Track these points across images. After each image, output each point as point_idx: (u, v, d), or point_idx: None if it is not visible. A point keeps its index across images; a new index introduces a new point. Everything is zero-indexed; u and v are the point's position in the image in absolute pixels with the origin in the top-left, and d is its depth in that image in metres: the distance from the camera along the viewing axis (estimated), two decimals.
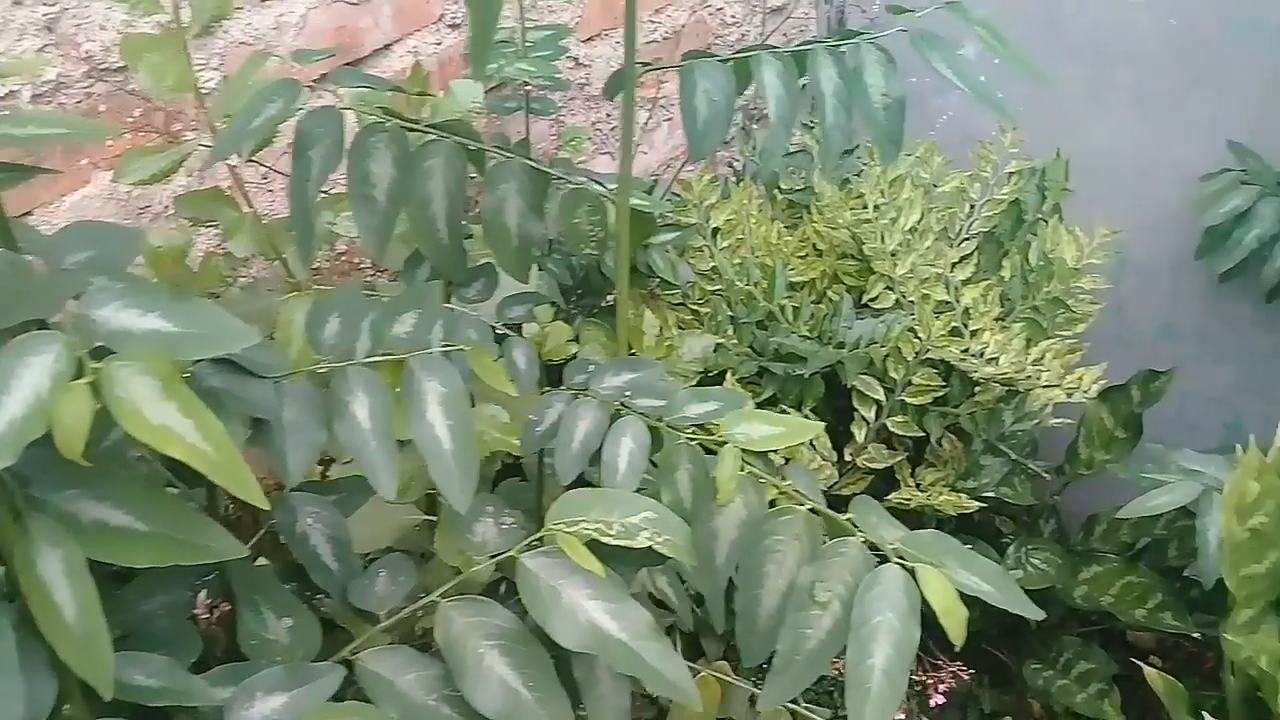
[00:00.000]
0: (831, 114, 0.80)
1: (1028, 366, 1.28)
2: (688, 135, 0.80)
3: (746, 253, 1.40)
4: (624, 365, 0.75)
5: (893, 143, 0.82)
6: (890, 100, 0.80)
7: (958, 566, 0.62)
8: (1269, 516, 1.09)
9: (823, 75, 0.80)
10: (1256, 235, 1.42)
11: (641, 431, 0.70)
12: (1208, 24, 1.45)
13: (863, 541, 0.64)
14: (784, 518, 0.65)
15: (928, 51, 0.80)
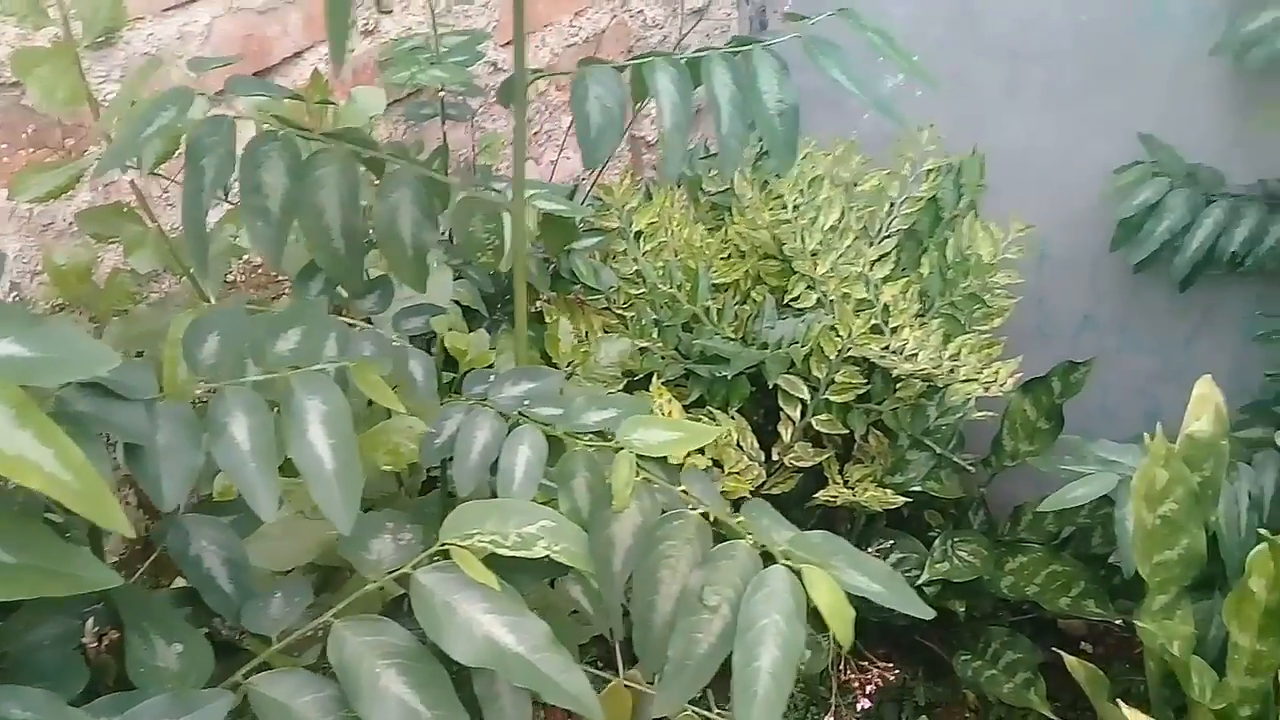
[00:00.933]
0: (728, 121, 0.80)
1: (945, 362, 1.30)
2: (580, 143, 0.79)
3: (669, 256, 1.41)
4: (522, 374, 0.75)
5: (788, 149, 0.82)
6: (785, 106, 0.80)
7: (847, 567, 0.62)
8: (1179, 504, 1.12)
9: (717, 82, 0.80)
10: (1168, 226, 1.45)
11: (539, 440, 0.70)
12: (1116, 18, 1.48)
13: (752, 544, 0.64)
14: (676, 522, 0.65)
15: (820, 58, 0.81)
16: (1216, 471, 1.19)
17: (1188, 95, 1.47)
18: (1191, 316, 1.59)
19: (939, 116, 1.64)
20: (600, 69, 0.80)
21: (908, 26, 1.62)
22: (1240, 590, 1.14)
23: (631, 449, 0.67)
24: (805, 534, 0.64)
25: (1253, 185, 1.45)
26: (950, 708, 1.65)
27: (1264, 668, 1.15)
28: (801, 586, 0.60)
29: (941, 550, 1.43)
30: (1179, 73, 1.47)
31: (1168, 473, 1.10)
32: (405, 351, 0.77)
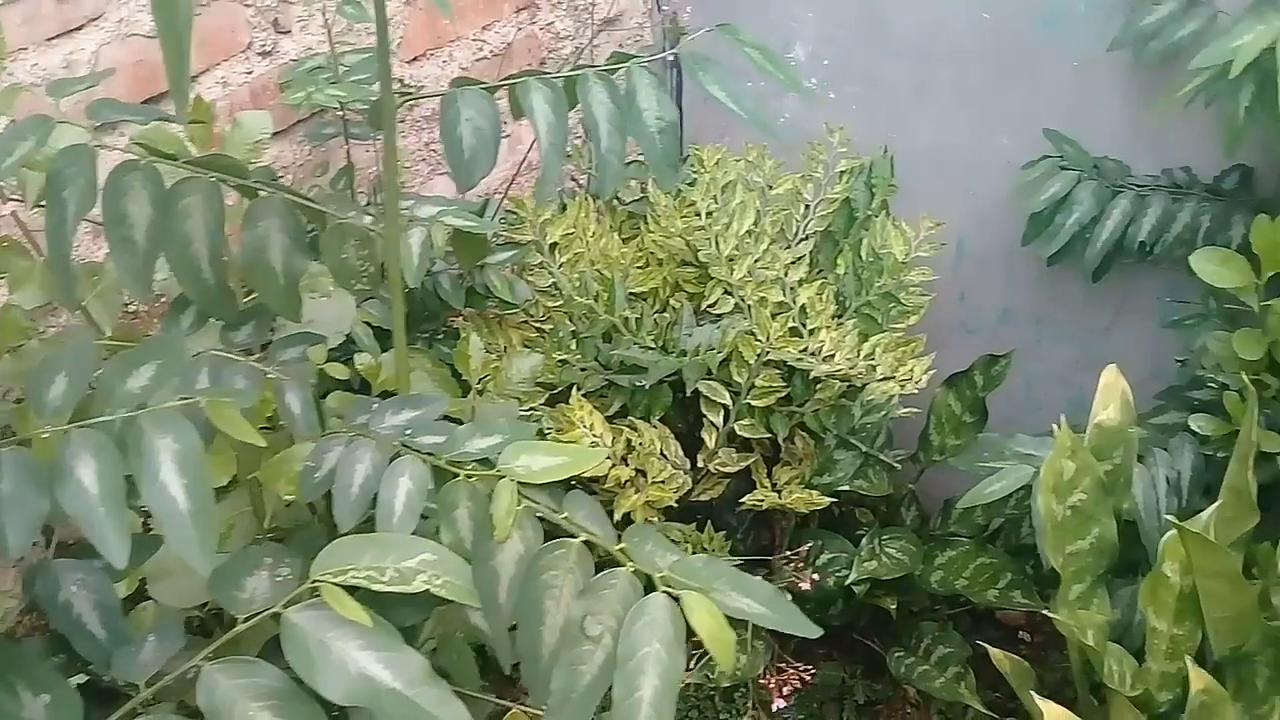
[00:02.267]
0: (606, 139, 0.80)
1: (860, 362, 1.30)
2: (452, 166, 0.78)
3: (585, 267, 1.40)
4: (404, 403, 0.74)
5: (670, 165, 0.82)
6: (665, 123, 0.80)
7: (729, 589, 0.61)
8: (1087, 494, 1.13)
9: (594, 100, 0.80)
10: (1077, 219, 1.47)
11: (420, 471, 0.68)
12: (1018, 17, 1.50)
13: (633, 571, 0.63)
14: (558, 551, 0.64)
15: (699, 74, 0.80)
16: (1126, 459, 1.20)
17: (1091, 90, 1.49)
18: (1108, 306, 1.61)
19: (853, 118, 1.65)
20: (471, 91, 0.79)
21: (818, 31, 1.63)
22: (1155, 576, 1.16)
23: (513, 477, 0.66)
24: (688, 558, 0.63)
25: (1157, 175, 1.47)
26: (892, 704, 1.66)
27: (1182, 651, 1.16)
28: (680, 614, 0.59)
29: (869, 549, 1.44)
30: (1082, 68, 1.49)
31: (1074, 464, 1.11)
32: (281, 383, 0.75)
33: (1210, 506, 1.16)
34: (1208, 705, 1.02)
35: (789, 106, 1.70)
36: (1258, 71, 1.17)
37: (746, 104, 0.82)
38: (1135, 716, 1.11)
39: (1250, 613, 1.10)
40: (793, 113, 1.71)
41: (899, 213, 1.56)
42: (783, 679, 1.38)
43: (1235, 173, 1.44)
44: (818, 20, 1.63)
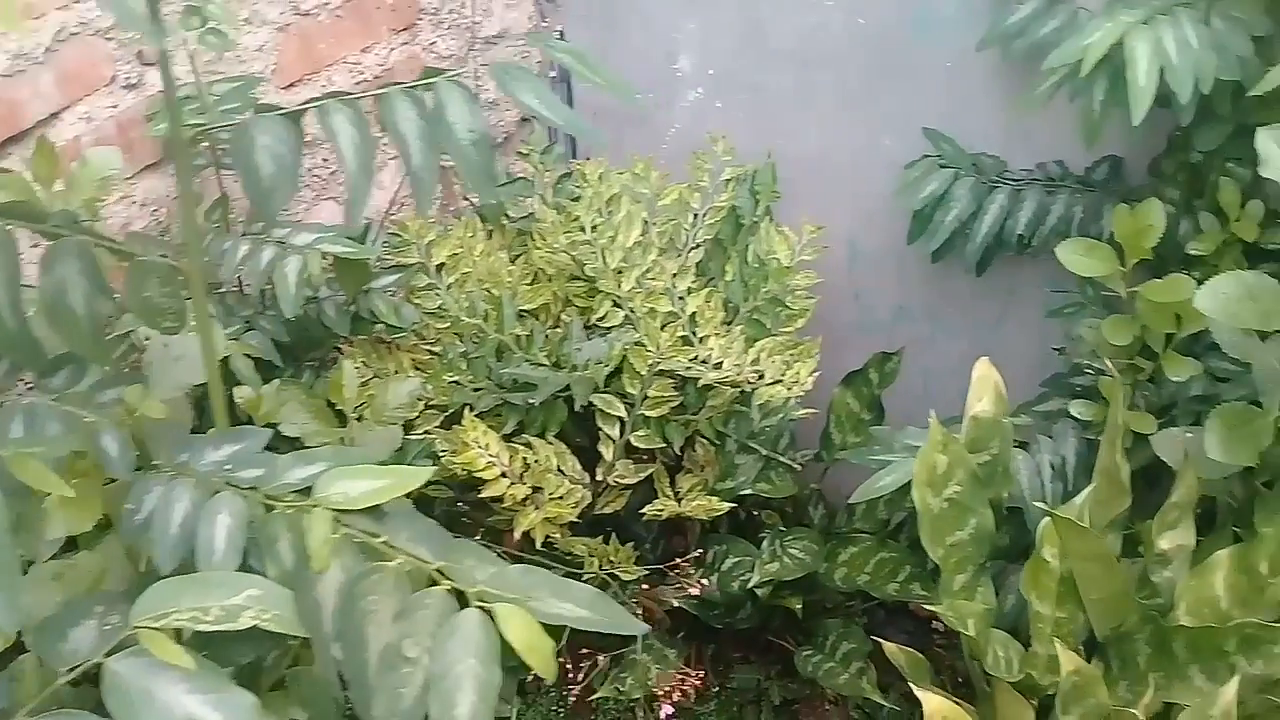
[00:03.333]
0: (418, 156, 0.80)
1: (746, 368, 1.32)
2: (250, 195, 0.77)
3: (473, 286, 1.40)
4: (225, 438, 0.73)
5: (486, 178, 0.82)
6: (477, 136, 0.80)
7: (549, 597, 0.62)
8: (962, 486, 1.15)
9: (401, 118, 0.79)
10: (956, 215, 1.50)
11: (239, 506, 0.68)
12: (891, 21, 1.53)
13: (449, 588, 0.63)
14: (374, 577, 0.64)
15: (512, 85, 0.81)
16: (1004, 449, 1.23)
17: (965, 89, 1.52)
18: (995, 298, 1.65)
19: (740, 126, 1.67)
20: (266, 117, 0.78)
21: (701, 41, 1.65)
22: (1035, 561, 1.19)
23: (330, 505, 0.66)
24: (506, 570, 0.64)
25: (1032, 169, 1.51)
26: (810, 702, 1.67)
27: (1065, 634, 1.19)
28: (494, 627, 0.60)
29: (770, 551, 1.45)
30: (955, 69, 1.52)
31: (947, 457, 1.13)
32: (97, 427, 0.73)
33: (1084, 490, 1.19)
34: (1079, 686, 1.04)
35: (679, 117, 1.72)
36: (1110, 67, 1.21)
37: (562, 112, 0.82)
38: (1020, 702, 1.13)
39: (1125, 593, 1.13)
40: (683, 123, 1.72)
41: (791, 217, 1.58)
42: (670, 686, 1.38)
43: (1105, 164, 1.48)
44: (700, 31, 1.65)
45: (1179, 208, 1.38)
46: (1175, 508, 1.22)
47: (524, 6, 1.71)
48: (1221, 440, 1.16)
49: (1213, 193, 1.33)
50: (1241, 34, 1.24)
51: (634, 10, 1.67)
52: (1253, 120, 1.20)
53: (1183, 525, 1.22)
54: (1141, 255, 1.26)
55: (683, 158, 1.60)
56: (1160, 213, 1.25)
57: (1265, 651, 1.03)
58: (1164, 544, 1.23)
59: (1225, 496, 1.31)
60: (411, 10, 1.59)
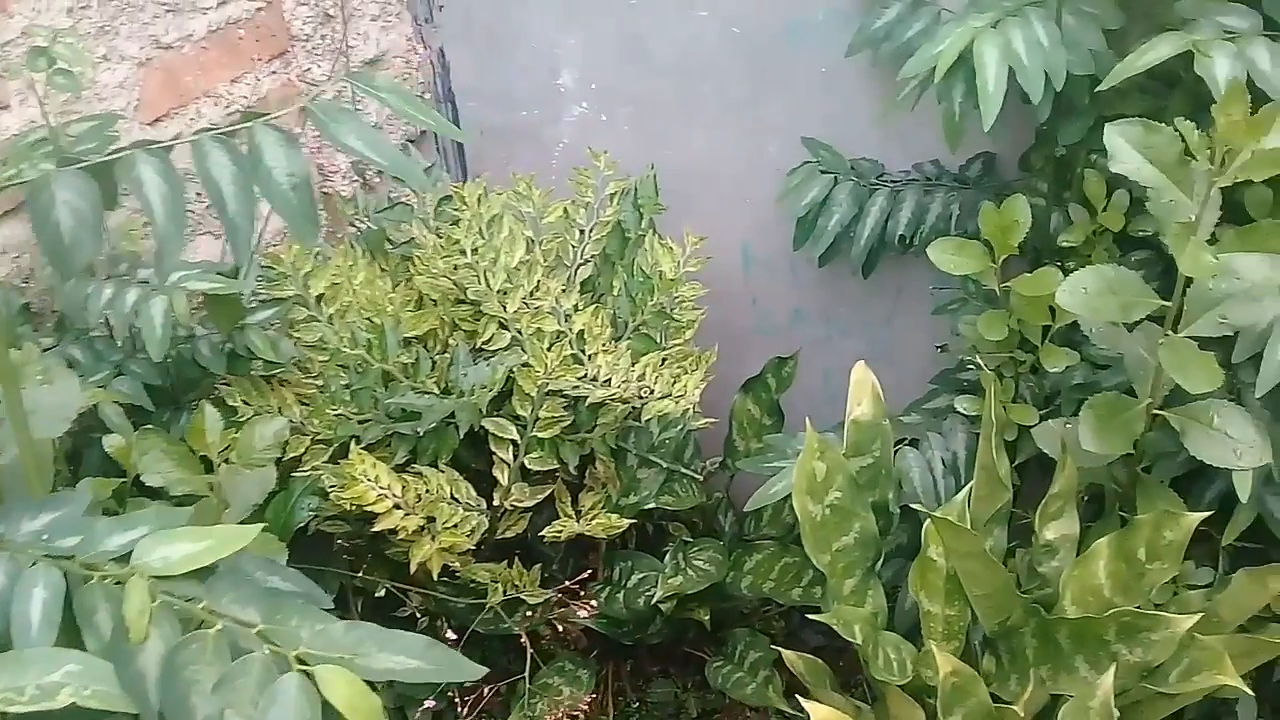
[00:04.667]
0: (234, 202, 0.78)
1: (633, 384, 1.31)
2: (48, 253, 0.75)
3: (355, 316, 1.37)
4: (44, 505, 0.70)
5: (308, 222, 0.80)
6: (297, 180, 0.78)
7: (376, 651, 0.60)
8: (843, 491, 1.16)
9: (213, 165, 0.77)
10: (838, 219, 1.51)
11: (55, 578, 0.65)
12: (765, 29, 1.54)
13: (270, 651, 0.61)
14: (194, 645, 0.62)
15: (331, 126, 0.79)
16: (885, 450, 1.24)
17: (841, 94, 1.54)
18: (885, 298, 1.67)
19: (626, 139, 1.67)
20: (65, 172, 0.76)
21: (582, 56, 1.65)
22: (921, 560, 1.20)
23: (150, 571, 0.63)
24: (330, 627, 0.62)
25: (909, 170, 1.53)
26: (731, 712, 1.67)
27: (956, 632, 1.20)
28: (315, 690, 0.58)
29: (674, 564, 1.45)
30: (830, 74, 1.53)
31: (825, 463, 1.14)
32: None
33: (965, 487, 1.21)
34: (959, 687, 1.05)
35: (566, 132, 1.72)
36: (965, 70, 1.22)
37: (385, 150, 0.81)
38: (911, 704, 1.14)
39: (1007, 588, 1.14)
40: (570, 138, 1.72)
41: (683, 228, 1.58)
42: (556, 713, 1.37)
43: (979, 161, 1.51)
44: (580, 46, 1.64)
45: (1049, 201, 1.41)
46: (1057, 498, 1.24)
47: (401, 28, 1.69)
48: (1094, 431, 1.18)
49: (1079, 185, 1.36)
50: (1094, 29, 1.27)
51: (513, 27, 1.66)
52: (1112, 112, 1.23)
53: (1066, 515, 1.24)
54: (1010, 251, 1.28)
55: (572, 173, 1.59)
56: (1025, 208, 1.27)
57: (1143, 639, 1.05)
58: (1049, 534, 1.25)
59: (1110, 483, 1.33)
60: (282, 37, 1.56)
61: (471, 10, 1.67)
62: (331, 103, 0.80)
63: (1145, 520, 1.12)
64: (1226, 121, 1.04)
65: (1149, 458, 1.28)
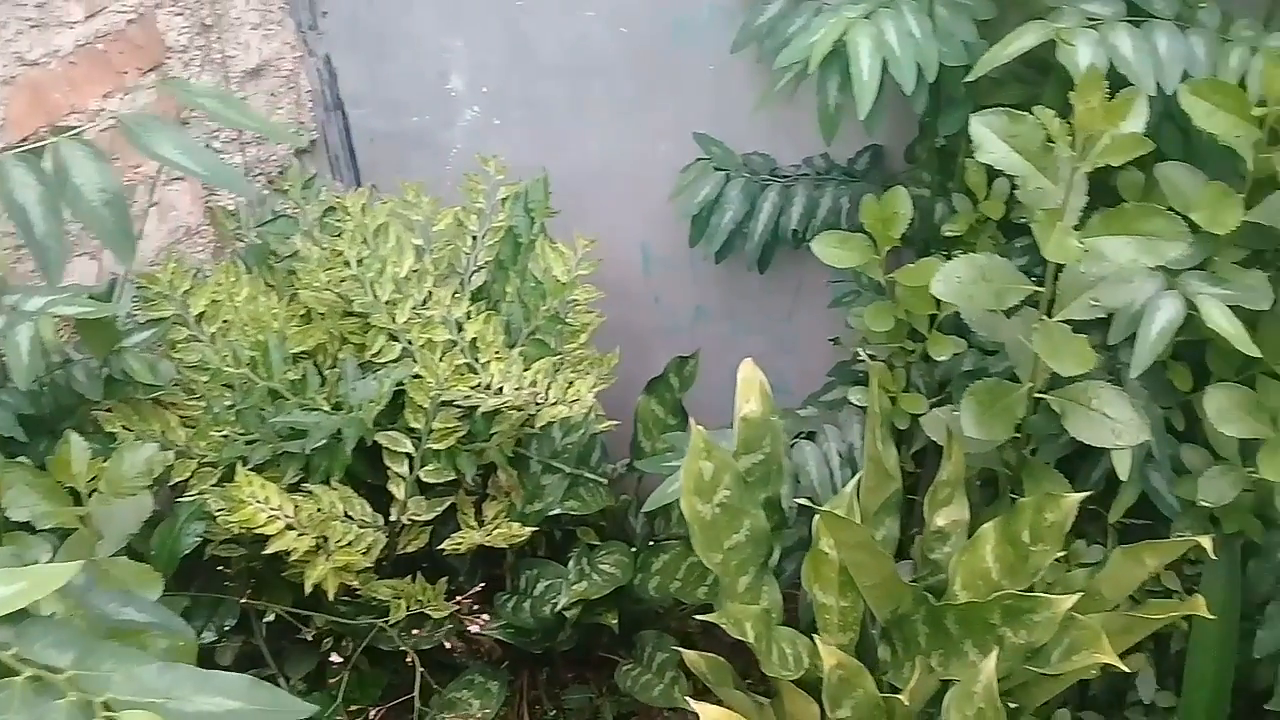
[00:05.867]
0: (42, 223, 0.75)
1: (526, 390, 1.30)
2: None
3: (237, 334, 1.34)
4: None
5: (124, 238, 0.78)
6: (110, 195, 0.75)
7: (193, 694, 0.58)
8: (732, 489, 1.16)
9: (16, 185, 0.75)
10: (732, 216, 1.51)
11: None
12: (652, 28, 1.53)
13: (79, 699, 0.59)
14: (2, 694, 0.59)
15: (144, 138, 0.76)
16: (776, 446, 1.24)
17: (730, 91, 1.54)
18: (785, 293, 1.67)
19: (519, 142, 1.66)
20: None
21: (471, 60, 1.63)
22: (814, 554, 1.20)
23: None
24: (142, 670, 0.59)
25: (799, 165, 1.53)
26: (645, 714, 1.67)
27: (851, 623, 1.21)
28: None
29: (578, 570, 1.44)
30: (718, 72, 1.53)
31: (713, 463, 1.14)
32: None
33: (850, 478, 1.21)
34: (845, 679, 1.06)
35: (459, 137, 1.69)
36: (840, 62, 1.23)
37: (203, 159, 0.78)
38: (804, 699, 1.14)
39: (894, 578, 1.15)
40: (464, 143, 1.70)
41: (582, 229, 1.56)
42: None
43: (867, 153, 1.52)
44: (468, 49, 1.62)
45: (934, 191, 1.43)
46: (945, 485, 1.25)
47: (284, 35, 1.65)
48: (976, 417, 1.19)
49: (961, 175, 1.37)
50: (966, 20, 1.28)
51: (400, 32, 1.63)
52: (990, 102, 1.24)
53: (956, 501, 1.26)
54: (892, 243, 1.29)
55: (463, 178, 1.57)
56: (906, 200, 1.28)
57: (1026, 621, 1.06)
58: (940, 521, 1.26)
59: (1001, 467, 1.35)
60: (157, 49, 1.51)
61: (357, 15, 1.64)
62: (145, 114, 0.77)
63: (1028, 503, 1.13)
64: (1085, 108, 1.06)
65: (1035, 441, 1.30)
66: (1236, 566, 1.31)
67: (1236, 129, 1.13)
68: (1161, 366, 1.29)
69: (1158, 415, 1.28)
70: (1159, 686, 1.48)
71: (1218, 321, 1.15)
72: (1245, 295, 1.18)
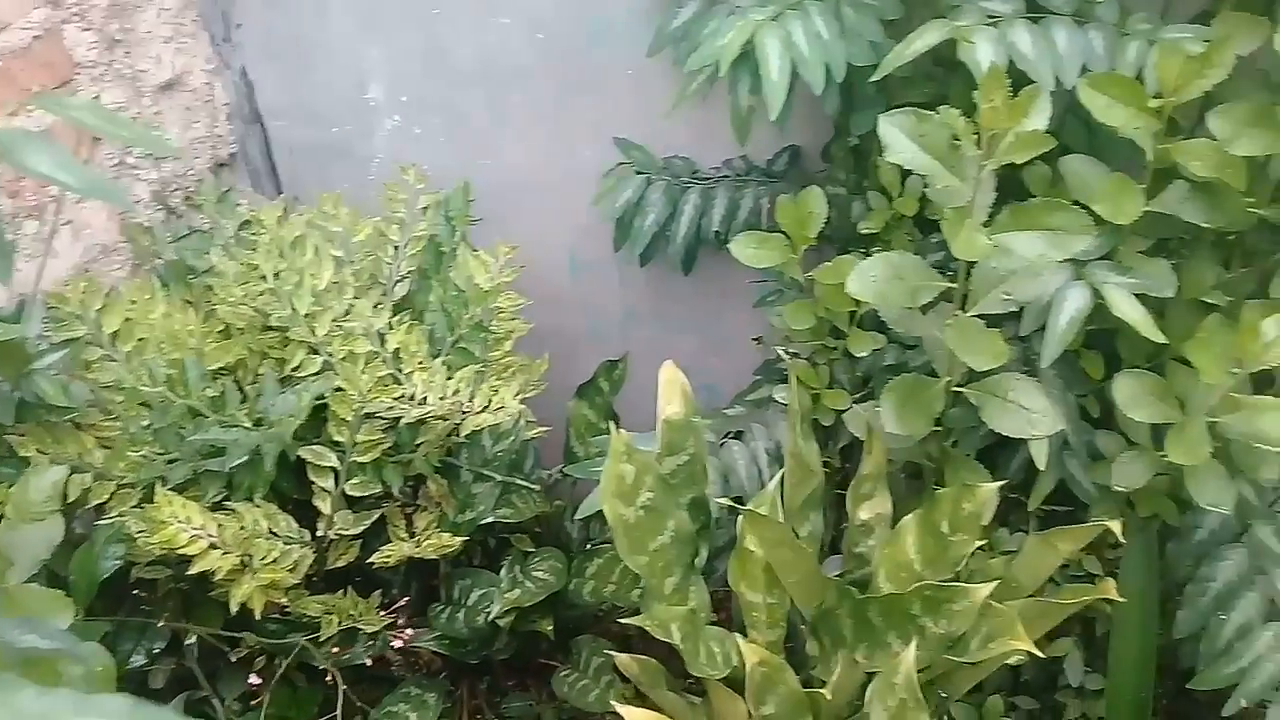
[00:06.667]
0: None
1: (449, 399, 1.29)
2: None
3: (154, 351, 1.32)
4: None
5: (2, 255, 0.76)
6: None
7: (71, 717, 0.57)
8: (655, 491, 1.16)
9: None
10: (654, 219, 1.52)
11: None
12: (569, 33, 1.53)
13: None
14: None
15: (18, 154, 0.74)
16: (699, 447, 1.25)
17: (649, 95, 1.54)
18: (712, 294, 1.68)
19: (442, 150, 1.65)
20: None
21: (389, 68, 1.61)
22: (740, 552, 1.21)
23: None
24: (18, 696, 0.57)
25: (720, 167, 1.54)
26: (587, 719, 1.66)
27: (778, 619, 1.22)
28: None
29: (510, 578, 1.43)
30: (637, 76, 1.53)
31: (634, 466, 1.14)
32: None
33: (776, 475, 1.22)
34: (768, 676, 1.07)
35: (380, 147, 1.68)
36: (750, 64, 1.24)
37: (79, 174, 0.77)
38: (732, 697, 1.15)
39: (817, 573, 1.16)
40: (385, 153, 1.68)
41: (509, 236, 1.56)
42: None
43: (786, 154, 1.53)
44: (385, 58, 1.61)
45: (850, 189, 1.44)
46: (867, 479, 1.26)
47: (197, 49, 1.63)
48: (895, 412, 1.21)
49: (875, 173, 1.39)
50: (872, 20, 1.30)
51: (316, 43, 1.62)
52: (901, 101, 1.25)
53: (878, 495, 1.27)
54: (808, 242, 1.30)
55: (383, 188, 1.56)
56: (821, 199, 1.29)
57: (945, 610, 1.08)
58: (864, 514, 1.27)
59: (924, 460, 1.37)
60: (64, 65, 1.48)
61: (272, 27, 1.62)
62: (18, 130, 0.76)
63: (946, 494, 1.15)
64: (988, 107, 1.08)
65: (956, 433, 1.32)
66: (1154, 549, 1.34)
67: (1135, 121, 1.15)
68: (1075, 356, 1.32)
69: (1072, 404, 1.31)
70: (1088, 669, 1.51)
71: (1124, 310, 1.18)
72: (1150, 283, 1.21)
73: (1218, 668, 1.28)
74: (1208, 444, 1.14)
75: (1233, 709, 1.25)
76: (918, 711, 1.02)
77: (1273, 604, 1.29)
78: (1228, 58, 1.12)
